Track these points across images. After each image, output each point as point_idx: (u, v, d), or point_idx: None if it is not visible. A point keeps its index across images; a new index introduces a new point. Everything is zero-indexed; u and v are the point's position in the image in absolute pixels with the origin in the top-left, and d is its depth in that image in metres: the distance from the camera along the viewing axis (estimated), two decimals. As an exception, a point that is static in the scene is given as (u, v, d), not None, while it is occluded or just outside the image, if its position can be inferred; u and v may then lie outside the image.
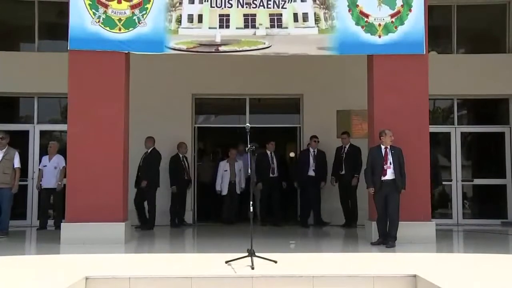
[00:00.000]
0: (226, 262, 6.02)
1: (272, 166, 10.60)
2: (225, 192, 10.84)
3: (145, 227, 9.72)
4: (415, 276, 5.53)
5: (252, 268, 5.74)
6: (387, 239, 7.71)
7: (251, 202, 6.42)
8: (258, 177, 10.45)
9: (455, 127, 11.24)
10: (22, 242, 9.03)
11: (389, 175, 7.76)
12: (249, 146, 6.61)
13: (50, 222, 10.17)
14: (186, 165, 10.62)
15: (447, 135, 11.22)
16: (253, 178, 7.54)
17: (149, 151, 10.07)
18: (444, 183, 10.64)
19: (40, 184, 10.18)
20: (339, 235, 9.45)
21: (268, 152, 10.68)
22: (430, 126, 8.49)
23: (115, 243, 7.75)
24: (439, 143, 11.14)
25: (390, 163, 7.77)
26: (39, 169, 10.25)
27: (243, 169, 11.01)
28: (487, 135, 11.46)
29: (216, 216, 11.24)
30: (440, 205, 11.23)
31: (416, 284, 5.48)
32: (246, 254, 6.05)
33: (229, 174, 10.88)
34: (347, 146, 10.31)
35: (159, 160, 10.12)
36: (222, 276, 5.58)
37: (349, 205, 10.28)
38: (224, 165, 10.94)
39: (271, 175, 10.59)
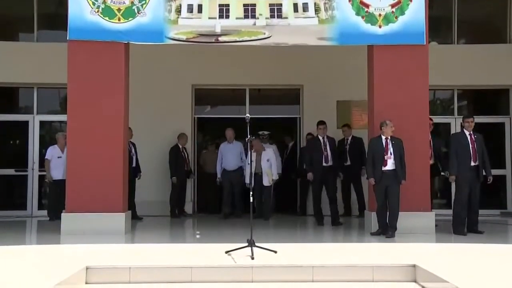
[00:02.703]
0: (226, 252, 6.04)
1: (325, 153, 9.21)
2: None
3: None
4: (414, 266, 5.55)
5: (252, 258, 5.75)
6: (386, 230, 7.73)
7: (251, 193, 6.44)
8: (308, 167, 9.36)
9: (455, 118, 11.22)
10: (22, 232, 9.05)
11: (390, 165, 7.77)
12: (249, 136, 6.61)
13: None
14: (186, 155, 10.62)
15: (447, 126, 11.21)
16: (253, 171, 6.99)
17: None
18: (442, 173, 10.62)
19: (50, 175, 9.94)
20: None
21: (320, 138, 9.35)
22: (430, 116, 8.48)
23: (115, 233, 7.76)
24: (439, 133, 11.13)
25: (391, 154, 7.77)
26: (47, 159, 9.96)
27: (272, 159, 10.21)
28: (487, 125, 11.41)
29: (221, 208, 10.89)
30: (440, 195, 11.28)
31: (415, 274, 5.50)
32: (246, 244, 6.06)
33: (254, 165, 9.78)
34: (349, 138, 10.29)
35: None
36: (222, 266, 5.60)
37: (350, 196, 10.31)
38: (249, 155, 9.99)
39: (324, 163, 9.19)
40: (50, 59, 10.20)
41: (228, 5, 8.19)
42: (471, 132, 8.10)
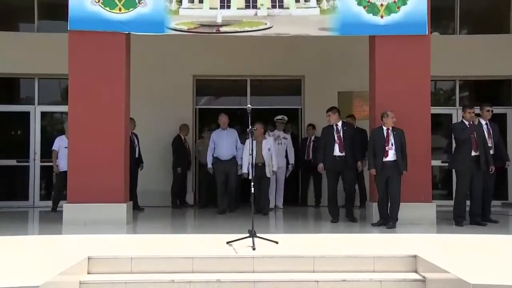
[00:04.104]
0: (228, 242, 6.04)
1: (338, 142, 8.35)
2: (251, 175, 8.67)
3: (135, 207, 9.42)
4: (415, 256, 5.55)
5: (253, 249, 5.75)
6: (387, 220, 7.74)
7: (252, 184, 6.44)
8: (319, 157, 8.61)
9: (457, 109, 11.19)
10: (24, 223, 9.08)
11: (391, 156, 7.76)
12: (250, 127, 6.59)
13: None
14: (188, 146, 10.62)
15: (449, 117, 11.19)
16: (253, 162, 6.75)
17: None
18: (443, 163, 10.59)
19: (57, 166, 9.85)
20: (340, 216, 9.44)
21: (334, 125, 8.50)
22: (431, 107, 8.46)
23: (116, 224, 7.77)
24: (441, 124, 11.12)
25: (392, 144, 7.77)
26: (55, 150, 9.86)
27: (272, 149, 9.58)
28: (489, 116, 11.41)
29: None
30: (441, 186, 11.28)
31: (416, 264, 5.51)
32: (248, 235, 6.07)
33: (255, 155, 9.03)
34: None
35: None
36: (224, 256, 5.61)
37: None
38: (250, 146, 8.91)
39: (335, 153, 8.37)
40: (51, 50, 10.18)
41: (229, -5, 8.16)
42: (471, 122, 8.03)
